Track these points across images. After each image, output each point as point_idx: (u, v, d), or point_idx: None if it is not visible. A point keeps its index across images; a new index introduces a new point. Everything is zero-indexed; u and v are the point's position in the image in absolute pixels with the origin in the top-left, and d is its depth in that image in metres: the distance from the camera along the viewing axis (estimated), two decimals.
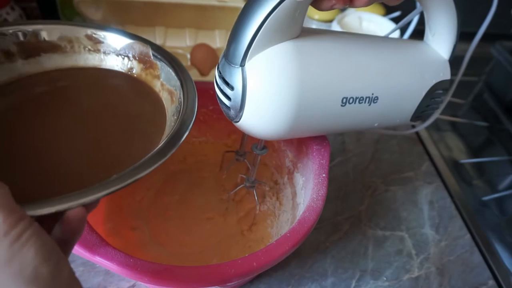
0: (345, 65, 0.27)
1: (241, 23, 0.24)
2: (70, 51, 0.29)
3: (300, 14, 0.24)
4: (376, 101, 0.30)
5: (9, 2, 0.51)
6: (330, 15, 0.65)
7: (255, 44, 0.24)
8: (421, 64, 0.32)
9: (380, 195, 0.48)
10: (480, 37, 0.38)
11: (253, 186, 0.37)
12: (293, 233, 0.27)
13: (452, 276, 0.40)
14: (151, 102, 0.28)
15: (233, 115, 0.27)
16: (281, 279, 0.38)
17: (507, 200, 0.54)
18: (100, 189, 0.19)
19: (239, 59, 0.25)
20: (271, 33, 0.24)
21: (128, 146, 0.25)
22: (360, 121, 0.31)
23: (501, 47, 0.68)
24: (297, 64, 0.25)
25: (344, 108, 0.28)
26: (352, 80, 0.28)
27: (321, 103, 0.27)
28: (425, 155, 0.55)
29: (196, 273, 0.24)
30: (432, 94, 0.33)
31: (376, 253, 0.41)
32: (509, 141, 0.63)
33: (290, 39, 0.25)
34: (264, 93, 0.25)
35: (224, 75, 0.26)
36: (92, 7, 0.56)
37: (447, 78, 0.34)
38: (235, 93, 0.25)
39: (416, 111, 0.33)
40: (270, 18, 0.23)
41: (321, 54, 0.26)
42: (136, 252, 0.33)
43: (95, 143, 0.25)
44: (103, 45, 0.30)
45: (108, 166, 0.23)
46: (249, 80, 0.25)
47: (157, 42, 0.60)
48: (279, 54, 0.25)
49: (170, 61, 0.29)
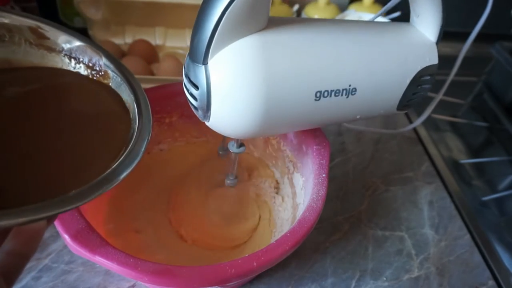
0: (317, 56, 0.25)
1: (200, 20, 0.23)
2: (8, 41, 0.26)
3: (263, 4, 0.23)
4: (355, 93, 0.27)
5: (8, 2, 0.51)
6: (330, 15, 0.65)
7: (215, 40, 0.22)
8: (404, 49, 0.29)
9: (380, 195, 0.48)
10: (475, 36, 0.37)
11: (234, 184, 0.36)
12: (293, 233, 0.27)
13: (452, 276, 0.40)
14: (112, 96, 0.27)
15: (201, 115, 0.26)
16: (281, 279, 0.38)
17: (507, 200, 0.54)
18: (54, 207, 0.18)
19: (201, 57, 0.23)
20: (232, 27, 0.22)
21: (100, 148, 0.24)
22: (339, 114, 0.29)
23: (500, 47, 0.68)
24: (262, 59, 0.23)
25: (318, 102, 0.26)
26: (326, 72, 0.26)
27: (292, 99, 0.25)
28: (425, 155, 0.55)
29: (196, 273, 0.24)
30: (418, 81, 0.30)
31: (376, 253, 0.41)
32: (509, 141, 0.63)
33: (255, 32, 0.23)
34: (229, 92, 0.24)
35: (189, 74, 0.25)
36: (92, 7, 0.56)
37: (434, 62, 0.31)
38: (201, 92, 0.24)
39: (401, 100, 0.31)
40: (228, 12, 0.21)
41: (289, 46, 0.25)
42: (138, 253, 0.33)
43: (66, 147, 0.23)
44: (48, 41, 0.27)
45: (81, 170, 0.22)
46: (212, 79, 0.23)
47: (157, 42, 0.60)
48: (242, 50, 0.23)
49: (124, 74, 0.27)
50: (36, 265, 0.36)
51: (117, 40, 0.58)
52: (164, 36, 0.61)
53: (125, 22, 0.60)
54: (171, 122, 0.41)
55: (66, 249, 0.37)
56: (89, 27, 0.57)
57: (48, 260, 0.36)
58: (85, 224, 0.26)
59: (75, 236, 0.25)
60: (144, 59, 0.54)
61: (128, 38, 0.59)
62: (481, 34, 0.37)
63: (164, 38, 0.61)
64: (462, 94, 0.71)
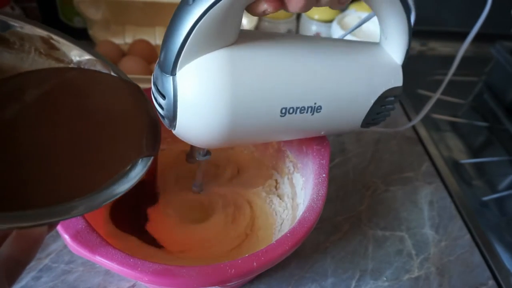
0: (284, 74, 0.26)
1: (170, 31, 0.23)
2: (18, 49, 0.27)
3: (234, 20, 0.23)
4: (320, 111, 0.28)
5: (9, 2, 0.51)
6: (330, 15, 0.65)
7: (184, 52, 0.23)
8: (371, 70, 0.30)
9: (380, 195, 0.48)
10: (473, 36, 0.37)
11: (200, 191, 0.36)
12: (293, 233, 0.27)
13: (452, 276, 0.40)
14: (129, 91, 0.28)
15: (167, 123, 0.26)
16: (281, 279, 0.38)
17: (507, 200, 0.54)
18: (57, 214, 0.18)
19: (170, 68, 0.24)
20: (202, 41, 0.23)
21: (110, 156, 0.24)
22: (304, 130, 0.30)
23: (501, 47, 0.68)
24: (229, 74, 0.24)
25: (284, 118, 0.27)
26: (292, 90, 0.26)
27: (258, 114, 0.26)
28: (425, 155, 0.55)
29: (196, 273, 0.24)
30: (382, 101, 0.31)
31: (376, 253, 0.41)
32: (509, 141, 0.63)
33: (225, 46, 0.24)
34: (195, 104, 0.24)
35: (157, 83, 0.25)
36: (92, 7, 0.56)
37: (398, 84, 0.31)
38: (167, 102, 0.25)
39: (365, 118, 0.31)
40: (198, 26, 0.22)
41: (257, 62, 0.25)
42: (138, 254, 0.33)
43: (84, 149, 0.24)
44: (58, 52, 0.28)
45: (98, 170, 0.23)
46: (179, 90, 0.24)
47: (157, 42, 0.60)
48: (210, 64, 0.24)
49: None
50: (36, 265, 0.36)
51: (117, 40, 0.59)
52: None
53: (125, 22, 0.60)
54: None
55: (66, 249, 0.37)
56: (89, 27, 0.57)
57: (48, 260, 0.36)
58: (85, 224, 0.26)
59: (75, 236, 0.25)
60: (144, 59, 0.54)
61: (128, 38, 0.59)
62: (481, 34, 0.37)
63: None
64: (462, 94, 0.71)
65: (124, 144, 0.26)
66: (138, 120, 0.27)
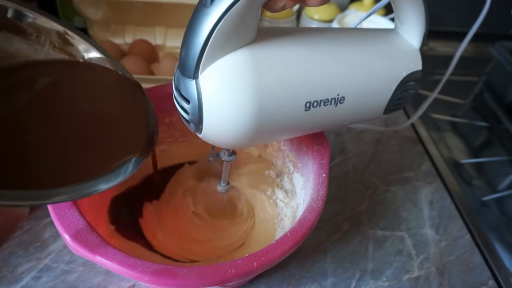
0: (306, 68, 0.26)
1: (190, 34, 0.23)
2: (34, 40, 0.27)
3: (252, 18, 0.23)
4: (343, 102, 0.28)
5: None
6: (330, 15, 0.65)
7: (206, 55, 0.23)
8: (390, 57, 0.30)
9: (380, 195, 0.48)
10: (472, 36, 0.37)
11: (225, 191, 0.36)
12: (293, 233, 0.27)
13: (452, 276, 0.40)
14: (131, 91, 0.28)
15: (193, 128, 0.26)
16: (281, 279, 0.38)
17: (507, 200, 0.54)
18: (39, 197, 0.19)
19: (192, 72, 0.23)
20: (222, 42, 0.23)
21: (108, 148, 0.25)
22: (328, 122, 0.30)
23: (501, 47, 0.68)
24: (253, 73, 0.24)
25: (308, 112, 0.27)
26: (315, 83, 0.26)
27: (283, 110, 0.26)
28: (425, 155, 0.55)
29: (196, 273, 0.24)
30: (403, 87, 0.31)
31: (376, 253, 0.41)
32: (509, 141, 0.64)
33: (245, 45, 0.24)
34: (221, 105, 0.24)
35: (179, 88, 0.25)
36: (92, 7, 0.56)
37: (418, 68, 0.31)
38: (192, 106, 0.24)
39: (387, 105, 0.31)
40: (218, 28, 0.22)
41: (279, 59, 0.25)
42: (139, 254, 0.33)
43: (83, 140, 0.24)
44: (72, 48, 0.28)
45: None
46: (204, 93, 0.24)
47: (157, 42, 0.60)
48: (233, 64, 0.23)
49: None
50: (36, 265, 0.36)
51: (117, 40, 0.58)
52: (164, 36, 0.61)
53: (125, 22, 0.60)
54: (171, 121, 0.41)
55: (66, 249, 0.37)
56: (89, 27, 0.57)
57: (48, 260, 0.36)
58: (85, 224, 0.26)
59: (75, 236, 0.25)
60: (144, 59, 0.54)
61: (128, 38, 0.59)
62: (481, 34, 0.38)
63: (164, 38, 0.61)
64: (462, 94, 0.71)
65: (119, 141, 0.26)
66: (137, 119, 0.28)
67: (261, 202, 0.42)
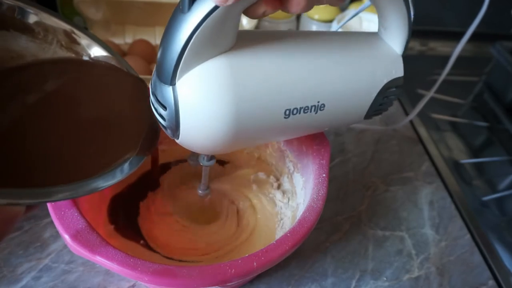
0: (285, 75, 0.25)
1: (166, 41, 0.22)
2: (42, 39, 0.28)
3: (231, 25, 0.23)
4: (323, 108, 0.27)
5: None
6: (330, 15, 0.65)
7: (183, 62, 0.22)
8: (372, 63, 0.30)
9: (380, 195, 0.48)
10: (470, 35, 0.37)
11: (206, 195, 0.36)
12: (293, 233, 0.27)
13: (452, 276, 0.40)
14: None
15: (170, 134, 0.26)
16: (281, 279, 0.38)
17: (507, 200, 0.54)
18: (36, 196, 0.19)
19: (169, 78, 0.23)
20: (200, 49, 0.22)
21: (107, 148, 0.25)
22: (308, 128, 0.29)
23: (501, 47, 0.68)
24: (231, 81, 0.23)
25: (288, 119, 0.26)
26: (294, 91, 0.26)
27: (261, 118, 0.25)
28: (425, 155, 0.55)
29: (196, 273, 0.24)
30: (384, 93, 0.30)
31: (376, 253, 0.41)
32: (509, 141, 0.64)
33: (223, 52, 0.23)
34: (198, 113, 0.24)
35: (156, 94, 0.24)
36: (92, 7, 0.56)
37: (400, 75, 0.31)
38: (169, 113, 0.24)
39: (368, 111, 0.31)
40: (196, 35, 0.21)
41: (257, 66, 0.24)
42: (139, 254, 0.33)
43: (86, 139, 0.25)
44: (78, 47, 0.29)
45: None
46: (181, 100, 0.23)
47: (157, 42, 0.60)
48: (211, 72, 0.23)
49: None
50: (36, 265, 0.36)
51: (117, 40, 0.58)
52: None
53: (125, 22, 0.60)
54: None
55: (66, 249, 0.37)
56: (89, 27, 0.57)
57: (48, 260, 0.36)
58: (85, 224, 0.26)
59: (75, 236, 0.25)
60: (144, 59, 0.54)
61: (128, 38, 0.59)
62: (481, 34, 0.38)
63: None
64: (462, 94, 0.71)
65: (120, 140, 0.26)
66: (141, 117, 0.28)
67: (261, 203, 0.42)
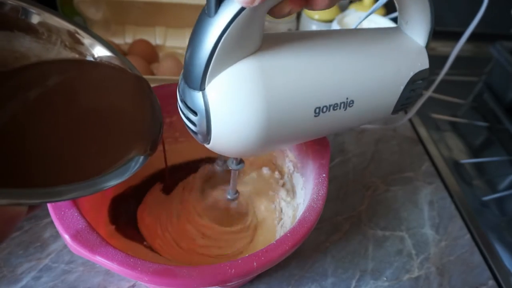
0: (314, 73, 0.25)
1: (194, 46, 0.22)
2: (45, 40, 0.27)
3: (257, 27, 0.22)
4: (352, 105, 0.28)
5: None
6: (330, 15, 0.65)
7: (212, 66, 0.22)
8: (397, 57, 0.30)
9: (380, 195, 0.48)
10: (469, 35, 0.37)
11: (234, 199, 0.36)
12: (293, 233, 0.27)
13: (452, 276, 0.40)
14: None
15: (200, 139, 0.26)
16: (281, 279, 0.38)
17: (507, 200, 0.54)
18: (37, 196, 0.19)
19: (198, 83, 0.23)
20: (228, 52, 0.22)
21: (107, 148, 0.25)
22: (337, 125, 0.29)
23: (501, 47, 0.68)
24: (261, 82, 0.23)
25: (318, 117, 0.26)
26: (324, 89, 0.26)
27: (292, 117, 0.25)
28: (425, 155, 0.55)
29: (196, 273, 0.24)
30: (411, 86, 0.31)
31: (376, 253, 0.41)
32: (509, 141, 0.64)
33: (250, 54, 0.23)
34: (230, 117, 0.23)
35: (186, 100, 0.24)
36: (92, 7, 0.56)
37: (425, 67, 0.31)
38: (199, 118, 0.24)
39: (396, 105, 0.31)
40: (223, 38, 0.21)
41: (286, 66, 0.24)
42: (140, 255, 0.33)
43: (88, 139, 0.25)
44: (82, 47, 0.29)
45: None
46: (211, 105, 0.23)
47: (157, 42, 0.60)
48: (240, 74, 0.23)
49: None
50: (36, 265, 0.36)
51: (117, 40, 0.58)
52: (164, 36, 0.60)
53: (125, 22, 0.60)
54: (172, 122, 0.41)
55: (66, 249, 0.37)
56: (89, 27, 0.57)
57: (48, 260, 0.36)
58: (85, 224, 0.26)
59: (75, 236, 0.25)
60: (144, 59, 0.54)
61: (128, 38, 0.59)
62: (481, 34, 0.38)
63: (164, 38, 0.60)
64: (462, 94, 0.71)
65: (125, 139, 0.26)
66: (144, 117, 0.28)
67: (262, 203, 0.42)
